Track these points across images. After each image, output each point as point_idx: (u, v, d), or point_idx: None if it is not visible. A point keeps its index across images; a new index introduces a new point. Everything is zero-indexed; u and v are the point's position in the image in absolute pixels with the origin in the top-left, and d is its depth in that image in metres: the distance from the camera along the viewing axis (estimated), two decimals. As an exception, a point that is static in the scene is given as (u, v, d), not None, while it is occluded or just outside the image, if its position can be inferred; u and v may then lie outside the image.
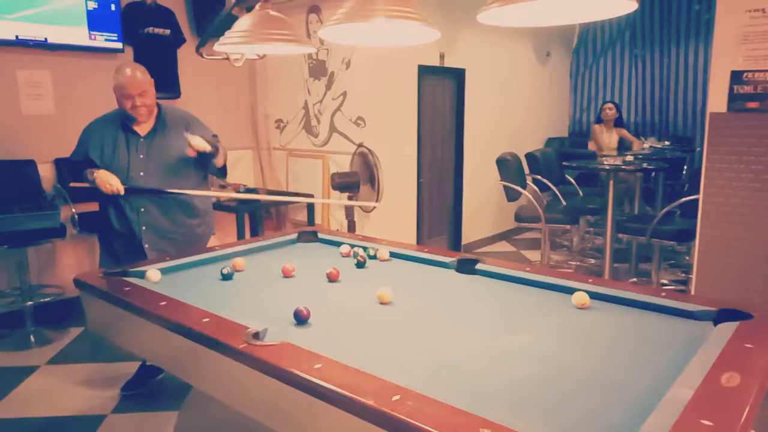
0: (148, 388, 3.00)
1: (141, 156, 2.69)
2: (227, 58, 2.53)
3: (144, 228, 2.72)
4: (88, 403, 2.89)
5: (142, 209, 2.70)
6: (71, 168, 2.86)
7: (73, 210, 3.53)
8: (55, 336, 3.72)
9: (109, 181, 2.56)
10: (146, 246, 2.73)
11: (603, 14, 1.36)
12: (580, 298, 1.83)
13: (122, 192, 2.58)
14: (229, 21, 2.21)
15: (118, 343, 2.15)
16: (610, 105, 6.09)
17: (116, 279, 2.04)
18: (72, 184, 2.77)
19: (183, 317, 1.65)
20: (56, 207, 3.12)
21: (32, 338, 3.66)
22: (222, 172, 2.86)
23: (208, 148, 2.57)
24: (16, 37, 3.75)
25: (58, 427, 2.69)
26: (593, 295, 1.88)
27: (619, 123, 6.14)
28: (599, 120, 6.16)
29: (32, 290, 3.76)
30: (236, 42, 2.09)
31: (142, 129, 2.72)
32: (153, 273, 2.09)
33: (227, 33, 2.13)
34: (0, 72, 3.80)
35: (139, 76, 2.61)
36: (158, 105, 2.77)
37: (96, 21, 4.11)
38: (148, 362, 2.95)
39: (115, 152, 2.68)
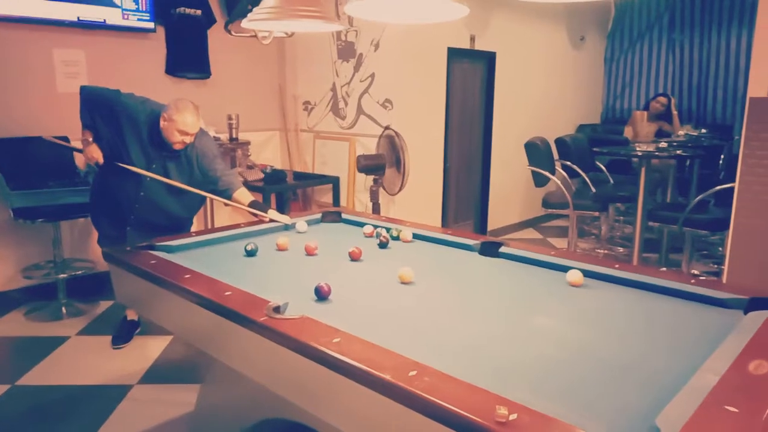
0: (169, 360, 3.08)
1: (154, 166, 2.92)
2: (255, 36, 2.53)
3: (133, 217, 3.00)
4: (115, 373, 2.97)
5: (142, 193, 2.93)
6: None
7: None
8: (86, 308, 3.82)
9: (93, 153, 2.94)
10: (128, 228, 3.01)
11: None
12: (574, 276, 1.83)
13: (101, 161, 2.93)
14: (258, -2, 2.20)
15: (144, 314, 2.20)
16: (663, 100, 5.80)
17: (143, 252, 2.08)
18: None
19: (205, 290, 1.67)
20: (89, 183, 3.19)
21: (64, 310, 3.76)
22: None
23: (286, 222, 2.63)
24: (52, 16, 3.81)
25: (86, 394, 2.77)
26: (620, 281, 1.84)
27: (664, 117, 5.87)
28: (646, 108, 5.91)
29: (65, 264, 3.87)
30: (263, 18, 2.08)
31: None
32: (301, 224, 2.51)
33: (255, 9, 2.12)
34: (37, 50, 3.88)
35: (198, 120, 2.84)
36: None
37: (129, 1, 4.16)
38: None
39: (135, 153, 2.90)
